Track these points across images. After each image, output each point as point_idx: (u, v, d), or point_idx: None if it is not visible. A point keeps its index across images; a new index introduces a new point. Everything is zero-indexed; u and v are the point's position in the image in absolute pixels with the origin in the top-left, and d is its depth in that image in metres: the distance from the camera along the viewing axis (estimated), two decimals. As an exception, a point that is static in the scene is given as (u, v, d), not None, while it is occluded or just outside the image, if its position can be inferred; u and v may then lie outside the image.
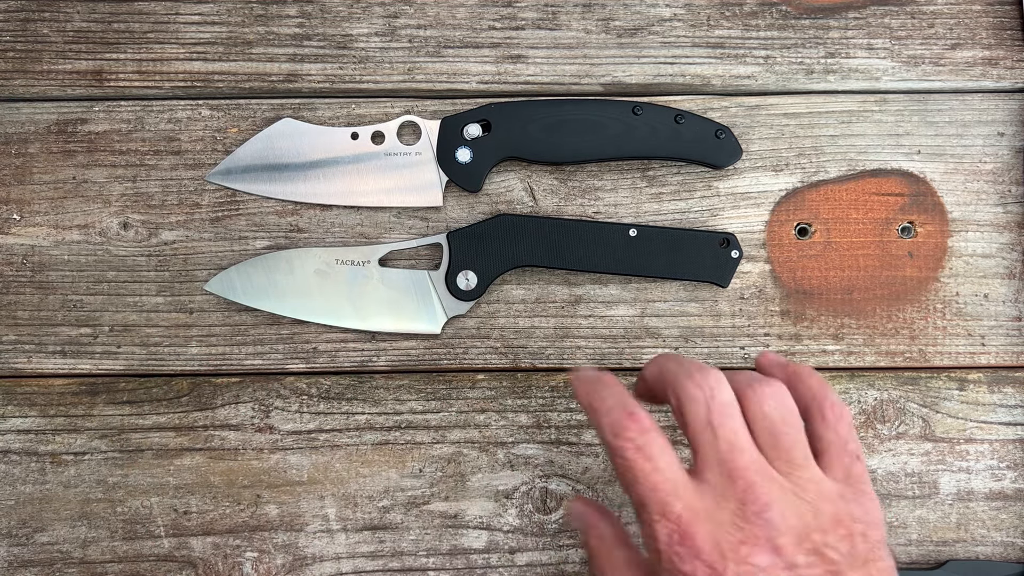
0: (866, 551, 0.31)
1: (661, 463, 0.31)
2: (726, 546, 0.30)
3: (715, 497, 0.31)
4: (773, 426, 0.32)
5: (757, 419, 0.32)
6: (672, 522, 0.30)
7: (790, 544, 0.30)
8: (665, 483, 0.31)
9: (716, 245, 0.46)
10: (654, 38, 0.48)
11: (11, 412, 0.46)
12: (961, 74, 0.48)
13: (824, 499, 0.31)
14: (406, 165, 0.46)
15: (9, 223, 0.47)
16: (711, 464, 0.31)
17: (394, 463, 0.46)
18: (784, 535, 0.30)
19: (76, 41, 0.48)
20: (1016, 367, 0.47)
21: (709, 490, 0.31)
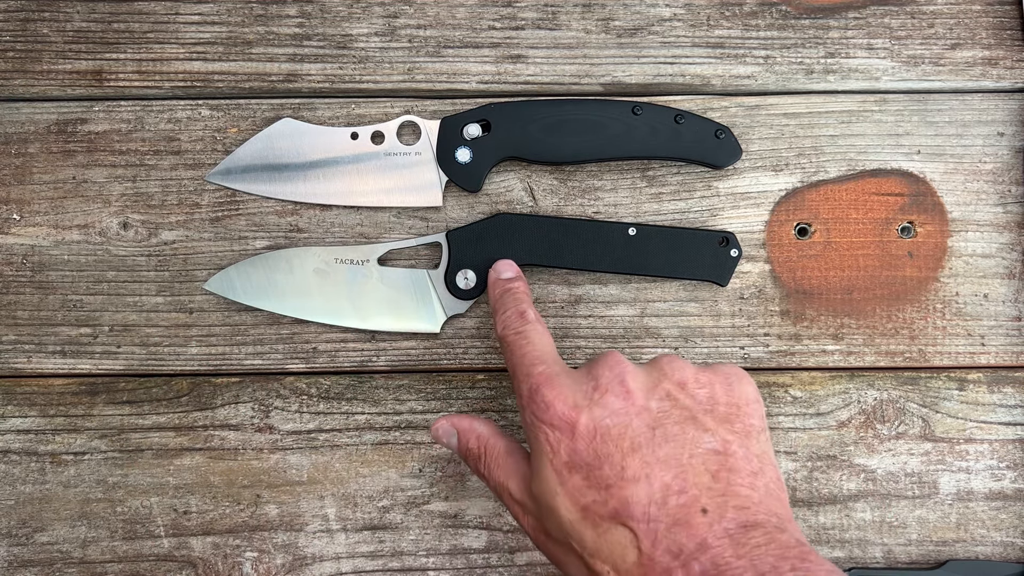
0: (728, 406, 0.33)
1: (536, 342, 0.37)
2: (580, 397, 0.33)
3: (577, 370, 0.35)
4: None
5: None
6: (534, 379, 0.35)
7: (642, 390, 0.33)
8: (534, 353, 0.36)
9: (715, 244, 0.46)
10: (654, 38, 0.48)
11: (11, 412, 0.46)
12: (961, 74, 0.48)
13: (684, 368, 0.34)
14: (406, 165, 0.46)
15: (9, 223, 0.47)
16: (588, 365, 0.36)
17: (394, 463, 0.46)
18: (635, 381, 0.33)
19: (76, 41, 0.48)
20: (1016, 367, 0.47)
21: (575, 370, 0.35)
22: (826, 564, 0.29)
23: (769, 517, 0.31)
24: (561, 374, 0.35)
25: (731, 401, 0.33)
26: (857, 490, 0.46)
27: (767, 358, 0.47)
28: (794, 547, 0.29)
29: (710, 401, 0.33)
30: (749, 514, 0.30)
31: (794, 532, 0.31)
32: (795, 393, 0.47)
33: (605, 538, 0.31)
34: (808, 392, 0.47)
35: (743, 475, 0.31)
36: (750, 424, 0.33)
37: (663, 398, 0.33)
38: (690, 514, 0.30)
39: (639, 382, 0.34)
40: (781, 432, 0.47)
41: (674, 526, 0.30)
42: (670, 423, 0.32)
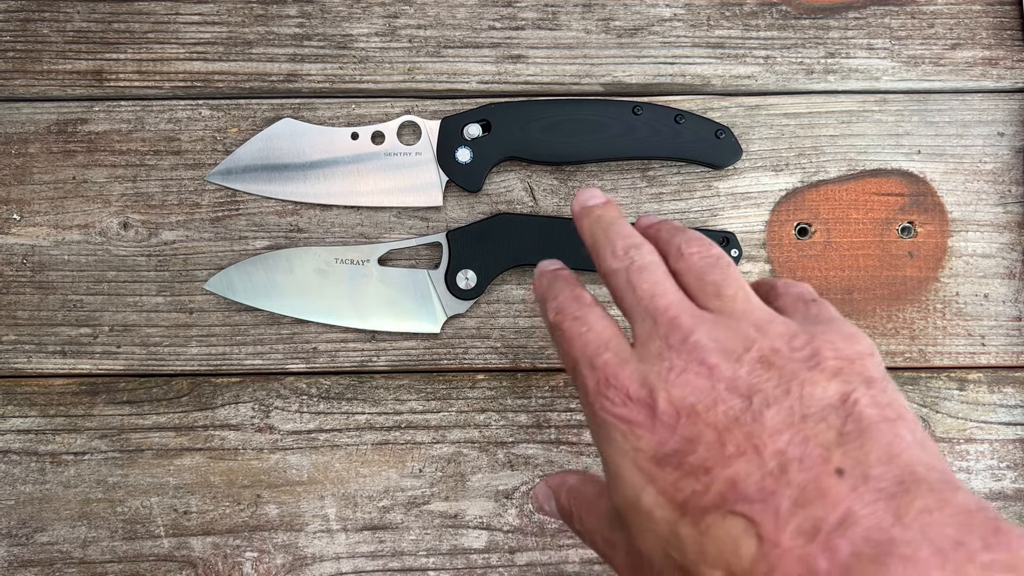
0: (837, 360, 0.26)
1: (596, 327, 0.30)
2: (654, 378, 0.27)
3: (644, 343, 0.29)
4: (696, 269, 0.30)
5: (681, 270, 0.31)
6: (599, 369, 0.29)
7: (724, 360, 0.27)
8: (596, 340, 0.30)
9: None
10: (654, 38, 0.48)
11: (11, 412, 0.46)
12: (961, 74, 0.48)
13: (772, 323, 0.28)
14: (406, 165, 0.46)
15: (9, 223, 0.47)
16: (637, 318, 0.29)
17: (394, 463, 0.46)
18: (715, 354, 0.27)
19: (76, 41, 0.48)
20: (1016, 367, 0.47)
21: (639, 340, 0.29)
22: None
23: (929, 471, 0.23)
24: (630, 360, 0.28)
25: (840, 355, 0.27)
26: (857, 490, 0.46)
27: (767, 358, 0.47)
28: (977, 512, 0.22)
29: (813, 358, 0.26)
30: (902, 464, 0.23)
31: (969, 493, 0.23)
32: (795, 393, 0.47)
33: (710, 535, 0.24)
34: (808, 392, 0.47)
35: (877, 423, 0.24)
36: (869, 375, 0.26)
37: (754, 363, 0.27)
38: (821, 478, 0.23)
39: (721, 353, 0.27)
40: (781, 432, 0.47)
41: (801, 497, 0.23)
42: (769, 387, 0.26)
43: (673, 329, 0.28)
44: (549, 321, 0.32)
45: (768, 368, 0.26)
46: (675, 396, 0.26)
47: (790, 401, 0.25)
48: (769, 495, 0.23)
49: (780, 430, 0.24)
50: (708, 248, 0.31)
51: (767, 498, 0.23)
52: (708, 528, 0.24)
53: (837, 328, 0.28)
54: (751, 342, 0.27)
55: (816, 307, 0.30)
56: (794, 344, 0.27)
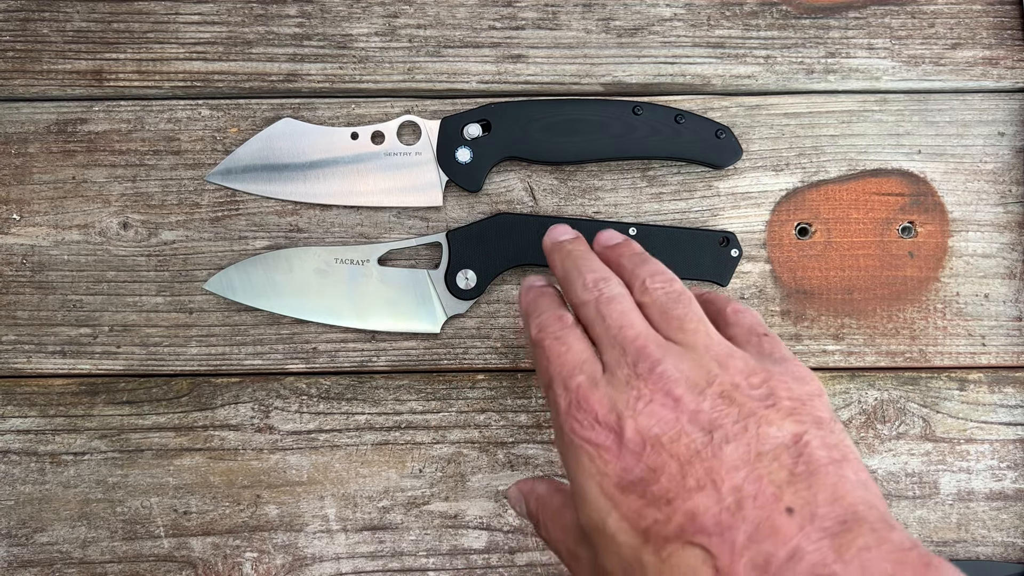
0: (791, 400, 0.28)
1: (574, 348, 0.32)
2: (622, 406, 0.29)
3: (612, 370, 0.30)
4: (660, 303, 0.32)
5: (646, 303, 0.33)
6: (572, 391, 0.30)
7: (689, 393, 0.29)
8: (572, 361, 0.31)
9: (716, 244, 0.46)
10: (654, 38, 0.48)
11: (11, 412, 0.46)
12: (961, 74, 0.48)
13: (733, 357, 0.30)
14: (406, 165, 0.46)
15: (9, 223, 0.47)
16: (606, 346, 0.31)
17: (394, 463, 0.46)
18: (680, 385, 0.29)
19: (76, 41, 0.48)
20: (1016, 367, 0.47)
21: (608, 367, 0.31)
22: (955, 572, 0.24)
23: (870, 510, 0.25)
24: (601, 383, 0.30)
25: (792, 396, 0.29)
26: (858, 490, 0.46)
27: (767, 358, 0.47)
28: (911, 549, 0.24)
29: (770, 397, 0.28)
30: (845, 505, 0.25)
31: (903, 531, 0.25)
32: (795, 393, 0.47)
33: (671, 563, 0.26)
34: (808, 392, 0.47)
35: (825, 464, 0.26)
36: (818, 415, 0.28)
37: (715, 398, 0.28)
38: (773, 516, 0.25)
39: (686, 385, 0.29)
40: (781, 432, 0.47)
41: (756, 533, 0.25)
42: (728, 423, 0.28)
43: (641, 358, 0.30)
44: (531, 337, 0.34)
45: (729, 403, 0.28)
46: (642, 425, 0.28)
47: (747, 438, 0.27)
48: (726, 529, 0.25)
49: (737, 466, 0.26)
50: (670, 283, 0.33)
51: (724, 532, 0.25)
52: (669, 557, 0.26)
53: (790, 368, 0.30)
54: (713, 376, 0.29)
55: (768, 343, 0.32)
56: (752, 381, 0.29)
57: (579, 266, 0.35)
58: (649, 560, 0.26)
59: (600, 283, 0.33)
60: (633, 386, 0.29)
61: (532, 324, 0.34)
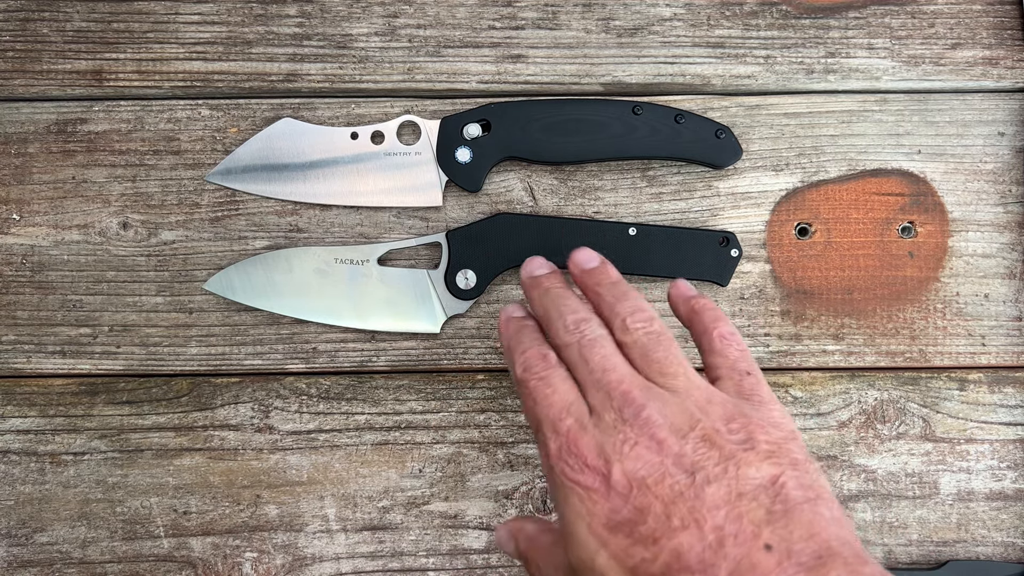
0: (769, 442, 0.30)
1: (560, 389, 0.33)
2: (609, 449, 0.30)
3: (599, 413, 0.32)
4: (640, 344, 0.34)
5: (627, 343, 0.34)
6: (562, 435, 0.32)
7: (672, 436, 0.30)
8: (559, 404, 0.33)
9: (716, 244, 0.46)
10: (654, 38, 0.48)
11: (11, 412, 0.46)
12: (961, 74, 0.48)
13: (712, 403, 0.32)
14: (406, 165, 0.46)
15: (9, 223, 0.47)
16: (590, 389, 0.33)
17: (394, 463, 0.46)
18: (663, 429, 0.31)
19: (76, 41, 0.48)
20: (1016, 367, 0.47)
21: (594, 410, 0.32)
22: None
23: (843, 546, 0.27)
24: (589, 427, 0.32)
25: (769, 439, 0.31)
26: (858, 490, 0.46)
27: (767, 358, 0.47)
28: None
29: (748, 441, 0.30)
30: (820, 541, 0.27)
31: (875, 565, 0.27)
32: (796, 393, 0.47)
33: None
34: (809, 392, 0.47)
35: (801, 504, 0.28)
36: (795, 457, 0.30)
37: (697, 441, 0.30)
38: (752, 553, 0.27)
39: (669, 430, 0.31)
40: (781, 432, 0.47)
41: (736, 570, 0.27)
42: (710, 465, 0.29)
43: (627, 403, 0.31)
44: (516, 376, 0.35)
45: (710, 447, 0.30)
46: (628, 468, 0.30)
47: (728, 479, 0.29)
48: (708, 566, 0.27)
49: (719, 506, 0.28)
50: (650, 322, 0.34)
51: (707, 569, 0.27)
52: None
53: (768, 414, 0.32)
54: (695, 421, 0.31)
55: (750, 383, 0.34)
56: (732, 427, 0.31)
57: (559, 306, 0.36)
58: None
59: (581, 324, 0.34)
60: (620, 430, 0.31)
61: (516, 362, 0.35)
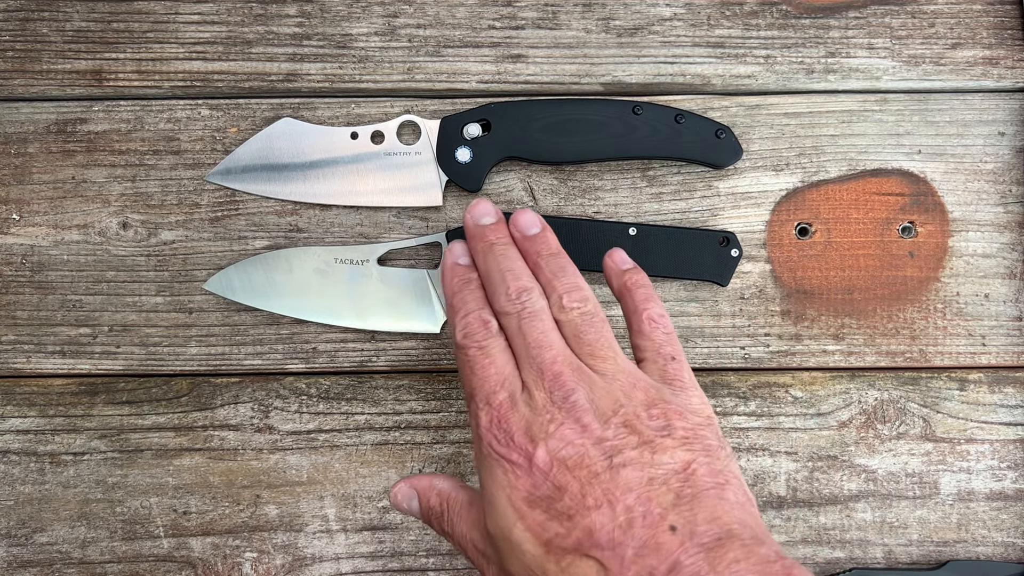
0: (685, 429, 0.32)
1: (498, 361, 0.35)
2: (536, 428, 0.32)
3: (530, 391, 0.33)
4: (574, 324, 0.35)
5: (562, 321, 0.36)
6: (494, 408, 0.33)
7: (596, 421, 0.32)
8: (495, 376, 0.34)
9: (716, 244, 0.46)
10: (654, 38, 0.48)
11: (10, 412, 0.46)
12: (962, 74, 0.48)
13: (636, 388, 0.34)
14: (406, 165, 0.46)
15: (8, 223, 0.47)
16: (525, 364, 0.34)
17: (394, 463, 0.46)
18: (589, 414, 0.32)
19: (76, 41, 0.48)
20: (1017, 367, 0.47)
21: (527, 385, 0.34)
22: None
23: (743, 528, 0.29)
24: (520, 404, 0.33)
25: (686, 426, 0.33)
26: (858, 490, 0.46)
27: (768, 358, 0.47)
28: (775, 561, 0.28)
29: (666, 428, 0.32)
30: (721, 524, 0.29)
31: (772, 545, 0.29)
32: (796, 393, 0.47)
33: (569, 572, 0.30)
34: (809, 392, 0.47)
35: (709, 488, 0.30)
36: (708, 444, 0.32)
37: (619, 426, 0.32)
38: (657, 534, 0.29)
39: (593, 414, 0.32)
40: (782, 432, 0.47)
41: (642, 549, 0.29)
42: (628, 449, 0.31)
43: (557, 386, 0.33)
44: (456, 340, 0.36)
45: (630, 432, 0.32)
46: (552, 447, 0.32)
47: (642, 464, 0.31)
48: (617, 545, 0.29)
49: (631, 488, 0.30)
50: (584, 303, 0.36)
51: (615, 547, 0.29)
52: (568, 566, 0.30)
53: (687, 398, 0.34)
54: (619, 406, 0.33)
55: (674, 367, 0.36)
56: (652, 412, 0.33)
57: (502, 268, 0.37)
58: (550, 568, 0.30)
59: (523, 295, 0.36)
60: (548, 411, 0.32)
61: (458, 325, 0.36)
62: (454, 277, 0.39)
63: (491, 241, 0.38)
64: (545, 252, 0.38)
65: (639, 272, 0.39)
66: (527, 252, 0.38)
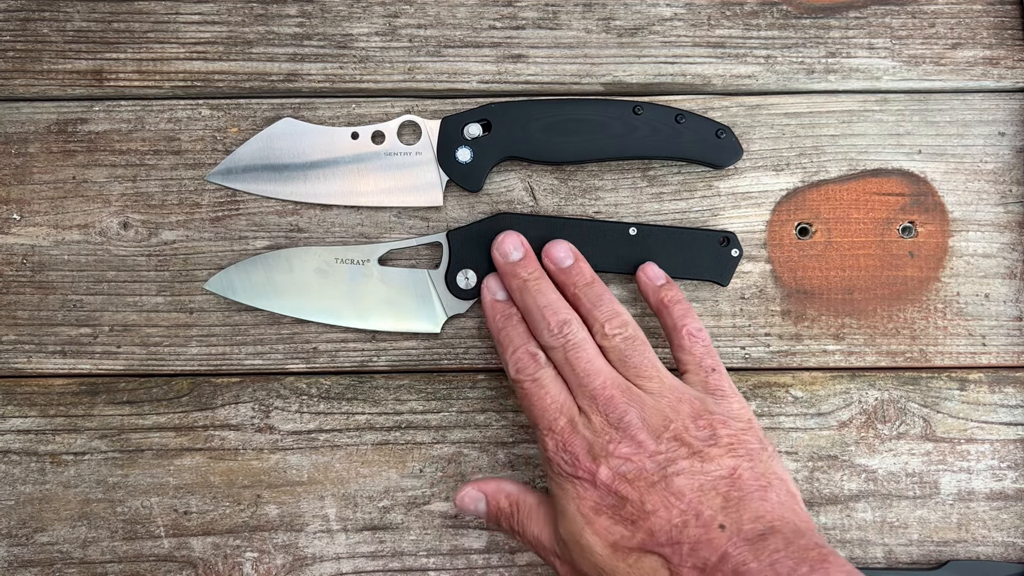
0: (729, 436, 0.37)
1: (552, 390, 0.39)
2: (597, 449, 0.37)
3: (587, 415, 0.38)
4: (619, 350, 0.39)
5: (606, 347, 0.40)
6: (557, 434, 0.38)
7: (650, 438, 0.37)
8: (553, 405, 0.39)
9: (716, 243, 0.46)
10: (655, 38, 0.48)
11: (11, 412, 0.46)
12: (962, 74, 0.48)
13: (682, 401, 0.38)
14: (406, 165, 0.46)
15: (9, 223, 0.47)
16: (577, 391, 0.39)
17: (394, 463, 0.46)
18: (642, 431, 0.37)
19: (76, 41, 0.48)
20: (1017, 367, 0.47)
21: (583, 409, 0.38)
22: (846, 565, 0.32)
23: (785, 524, 0.34)
24: (579, 425, 0.38)
25: (730, 433, 0.37)
26: (858, 490, 0.46)
27: (768, 358, 0.47)
28: (813, 549, 0.32)
29: (712, 437, 0.37)
30: (765, 522, 0.34)
31: (813, 536, 0.34)
32: (796, 393, 0.47)
33: (637, 567, 0.35)
34: (809, 392, 0.47)
35: (753, 491, 0.35)
36: (751, 448, 0.37)
37: (670, 440, 0.36)
38: (709, 532, 0.34)
39: (646, 431, 0.37)
40: (782, 432, 0.47)
41: (696, 544, 0.34)
42: (679, 460, 0.36)
43: (610, 408, 0.38)
44: (511, 376, 0.40)
45: (680, 444, 0.36)
46: (612, 465, 0.36)
47: (693, 472, 0.36)
48: (675, 542, 0.34)
49: (684, 494, 0.35)
50: (625, 327, 0.40)
51: (673, 544, 0.34)
52: (635, 563, 0.35)
53: (728, 406, 0.39)
54: (668, 422, 0.37)
55: (715, 378, 0.40)
56: (699, 423, 0.37)
57: (539, 305, 0.40)
58: (619, 566, 0.35)
59: (564, 328, 0.40)
60: (606, 432, 0.37)
61: (509, 361, 0.40)
62: (496, 314, 0.42)
63: (524, 278, 0.42)
64: (581, 283, 0.42)
65: (673, 287, 0.43)
66: (563, 284, 0.42)
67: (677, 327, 0.41)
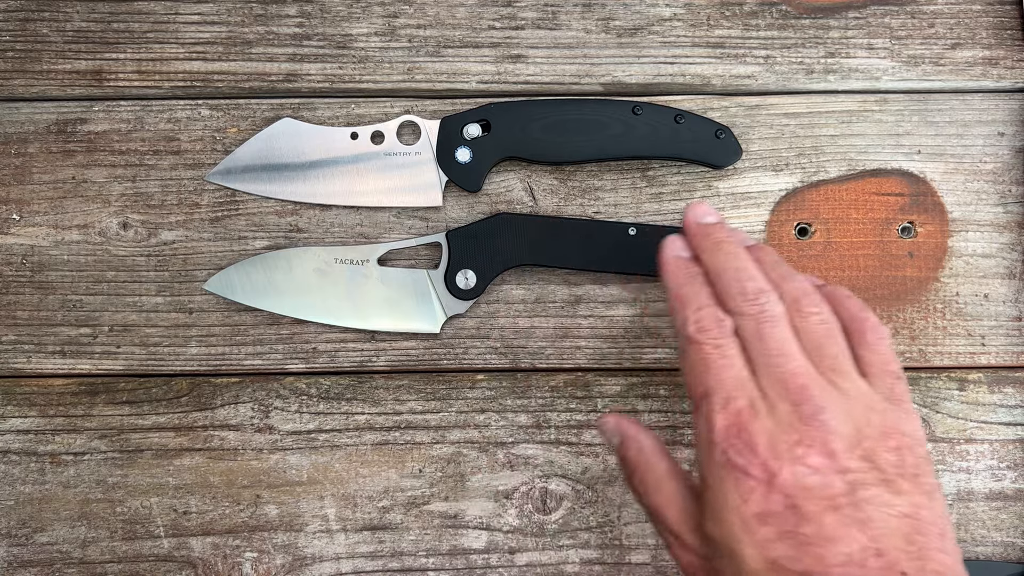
0: (914, 465, 0.31)
1: (736, 363, 0.33)
2: (782, 446, 0.30)
3: (772, 401, 0.31)
4: (816, 335, 0.33)
5: (799, 329, 0.33)
6: (732, 415, 0.31)
7: (843, 449, 0.30)
8: (733, 379, 0.32)
9: (716, 245, 0.46)
10: (654, 38, 0.48)
11: (11, 412, 0.46)
12: (961, 74, 0.48)
13: (872, 410, 0.32)
14: (406, 165, 0.46)
15: (9, 223, 0.47)
16: (763, 372, 0.32)
17: (394, 463, 0.46)
18: (838, 439, 0.30)
19: (76, 41, 0.48)
20: (1016, 367, 0.47)
21: (766, 394, 0.32)
22: None
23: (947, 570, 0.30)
24: (762, 412, 0.31)
25: (915, 462, 0.32)
26: (857, 490, 0.46)
27: (767, 358, 0.47)
28: None
29: (900, 463, 0.31)
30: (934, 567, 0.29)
31: None
32: (795, 393, 0.47)
33: None
34: (808, 392, 0.47)
35: (933, 538, 0.30)
36: (931, 483, 0.32)
37: (862, 458, 0.31)
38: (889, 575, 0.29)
39: (841, 441, 0.31)
40: (781, 432, 0.47)
41: None
42: (870, 485, 0.30)
43: (804, 400, 0.31)
44: (686, 333, 0.34)
45: (871, 467, 0.31)
46: (798, 472, 0.30)
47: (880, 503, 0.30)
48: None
49: (868, 527, 0.29)
50: (822, 310, 0.34)
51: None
52: None
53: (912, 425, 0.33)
54: (862, 435, 0.31)
55: (900, 388, 0.34)
56: (888, 444, 0.31)
57: (736, 268, 0.35)
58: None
59: (761, 297, 0.34)
60: (796, 429, 0.31)
61: (688, 317, 0.34)
62: (678, 271, 0.36)
63: (719, 239, 0.36)
64: (768, 261, 0.36)
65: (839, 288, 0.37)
66: None
67: (857, 319, 0.35)
